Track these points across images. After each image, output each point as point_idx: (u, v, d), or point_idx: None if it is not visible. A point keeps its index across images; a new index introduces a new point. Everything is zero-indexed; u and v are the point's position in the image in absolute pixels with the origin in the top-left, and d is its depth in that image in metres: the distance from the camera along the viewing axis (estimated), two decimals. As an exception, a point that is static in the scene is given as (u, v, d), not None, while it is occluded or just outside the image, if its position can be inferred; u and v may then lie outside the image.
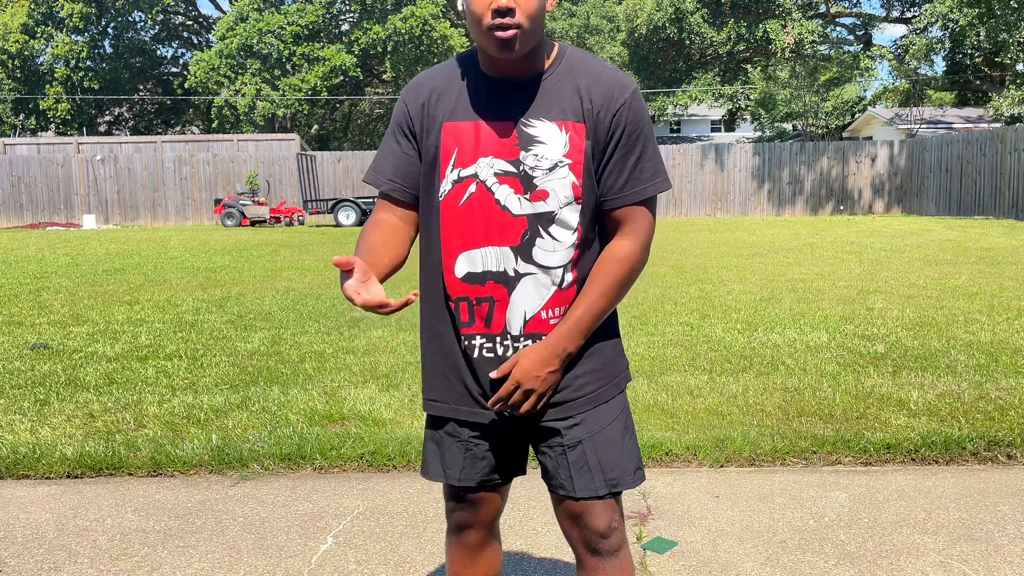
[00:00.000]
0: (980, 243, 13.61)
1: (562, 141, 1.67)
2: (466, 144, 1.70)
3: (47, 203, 27.07)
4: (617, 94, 1.69)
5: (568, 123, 1.68)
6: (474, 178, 1.70)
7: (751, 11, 29.29)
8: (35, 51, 37.35)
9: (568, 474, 1.74)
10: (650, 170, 1.72)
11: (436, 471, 1.85)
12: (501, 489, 1.89)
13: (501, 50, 1.61)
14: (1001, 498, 3.28)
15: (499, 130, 1.69)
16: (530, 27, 1.60)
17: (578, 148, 1.68)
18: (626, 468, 1.76)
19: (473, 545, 1.91)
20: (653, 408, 4.37)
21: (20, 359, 5.85)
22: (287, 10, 34.05)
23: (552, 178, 1.67)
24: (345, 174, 27.23)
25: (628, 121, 1.69)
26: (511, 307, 1.71)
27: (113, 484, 3.61)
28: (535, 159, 1.67)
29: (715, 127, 49.47)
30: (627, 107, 1.69)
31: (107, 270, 11.76)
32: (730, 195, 26.34)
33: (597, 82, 1.70)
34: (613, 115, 1.68)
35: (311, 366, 5.48)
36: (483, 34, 1.61)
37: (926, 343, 5.81)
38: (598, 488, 1.73)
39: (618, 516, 1.77)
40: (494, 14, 1.58)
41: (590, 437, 1.74)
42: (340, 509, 3.28)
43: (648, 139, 1.72)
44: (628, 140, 1.69)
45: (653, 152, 1.73)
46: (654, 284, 9.15)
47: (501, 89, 1.70)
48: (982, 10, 23.53)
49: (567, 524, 1.78)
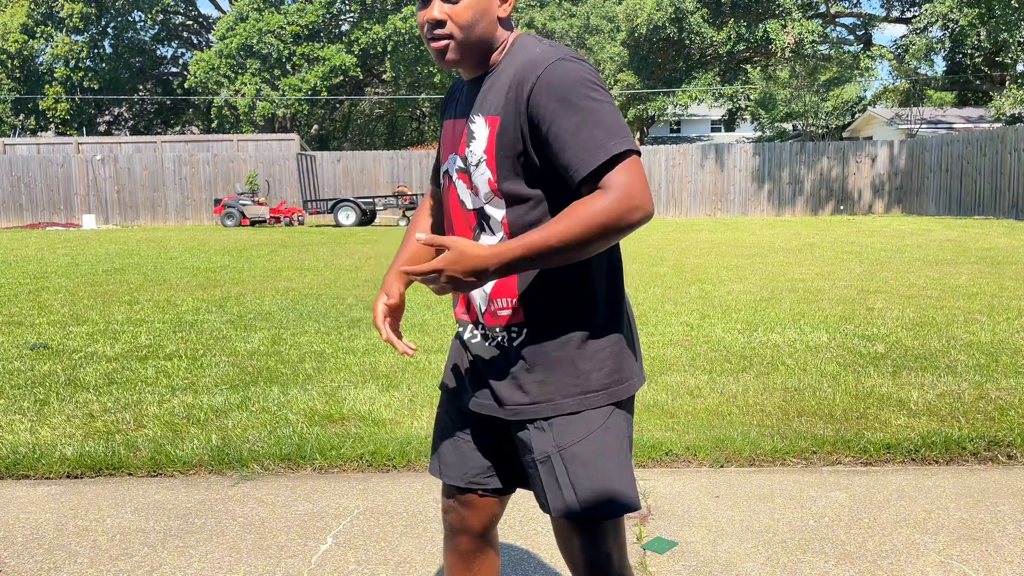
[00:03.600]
0: (980, 243, 13.61)
1: (485, 135, 1.68)
2: (444, 142, 1.82)
3: (47, 203, 27.05)
4: (529, 73, 1.60)
5: (489, 117, 1.68)
6: (447, 174, 1.80)
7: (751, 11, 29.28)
8: (35, 51, 37.35)
9: (540, 489, 1.71)
10: (598, 136, 1.55)
11: (433, 467, 1.90)
12: (495, 497, 1.87)
13: (438, 59, 1.70)
14: (1001, 498, 3.28)
15: (458, 128, 1.77)
16: (464, 36, 1.64)
17: (491, 143, 1.67)
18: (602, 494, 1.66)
19: (465, 552, 1.89)
20: (653, 408, 4.37)
21: (20, 359, 5.85)
22: (287, 10, 34.06)
23: (477, 173, 1.70)
24: (345, 174, 27.22)
25: (543, 98, 1.58)
26: (472, 297, 1.78)
27: (113, 484, 3.61)
28: (471, 155, 1.71)
29: (715, 127, 49.46)
30: (541, 83, 1.58)
31: (107, 270, 11.76)
32: (730, 195, 26.33)
33: (517, 69, 1.65)
34: (528, 95, 1.60)
35: (311, 366, 5.48)
36: (427, 45, 1.70)
37: (926, 343, 5.80)
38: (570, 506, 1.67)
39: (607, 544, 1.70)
40: (428, 26, 1.66)
41: (559, 451, 1.67)
42: (340, 509, 3.28)
43: (585, 104, 1.57)
44: (555, 114, 1.57)
45: (598, 117, 1.56)
46: (654, 284, 9.15)
47: (471, 88, 1.76)
48: (982, 10, 23.52)
49: (557, 540, 1.80)
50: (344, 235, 19.64)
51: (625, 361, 1.72)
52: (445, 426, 1.89)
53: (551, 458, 1.68)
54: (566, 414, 1.67)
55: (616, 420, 1.71)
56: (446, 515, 1.90)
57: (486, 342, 1.75)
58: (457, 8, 1.63)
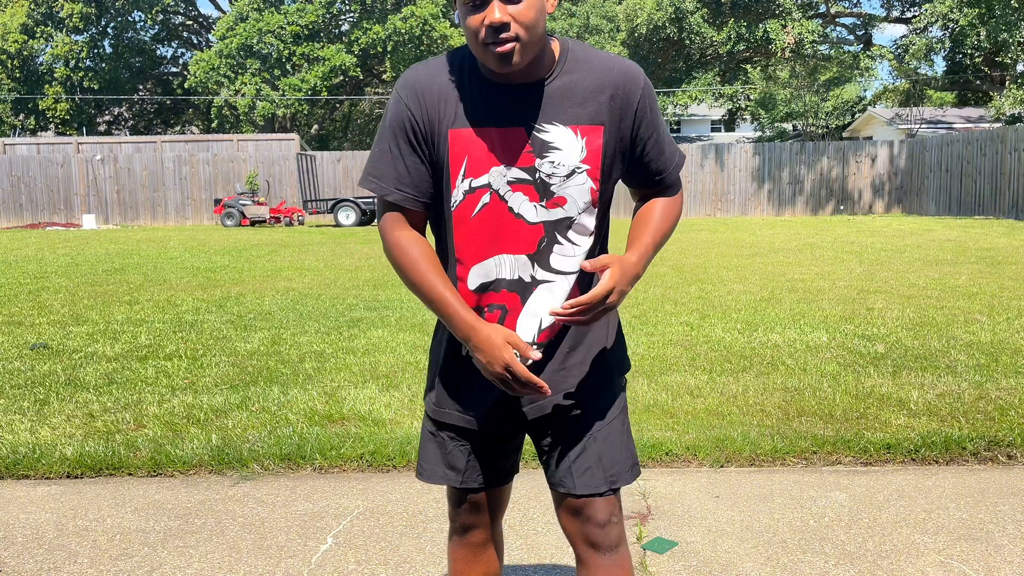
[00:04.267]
0: (980, 243, 13.61)
1: (578, 146, 1.63)
2: (476, 152, 1.63)
3: (47, 203, 27.05)
4: (633, 85, 1.67)
5: (583, 127, 1.63)
6: (487, 188, 1.64)
7: (751, 11, 29.29)
8: (35, 51, 37.35)
9: (568, 471, 1.74)
10: (672, 143, 1.77)
11: (440, 474, 1.83)
12: (505, 487, 1.90)
13: (501, 64, 1.55)
14: (1001, 498, 3.28)
15: (511, 137, 1.62)
16: (528, 37, 1.54)
17: (595, 153, 1.65)
18: (624, 464, 1.77)
19: (477, 544, 1.91)
20: (653, 408, 4.37)
21: (20, 359, 5.85)
22: (287, 10, 34.05)
23: (570, 184, 1.64)
24: (345, 174, 27.22)
25: (648, 107, 1.69)
26: (524, 315, 1.68)
27: (113, 484, 3.61)
28: (551, 166, 1.63)
29: (715, 127, 49.46)
30: (645, 95, 1.68)
31: (107, 270, 11.76)
32: (730, 195, 26.33)
33: (610, 76, 1.65)
34: (635, 107, 1.67)
35: (311, 366, 5.48)
36: (481, 50, 1.56)
37: (926, 343, 5.80)
38: (598, 485, 1.73)
39: (618, 511, 1.77)
40: (489, 31, 1.52)
41: (591, 434, 1.74)
42: (340, 509, 3.28)
43: (660, 116, 1.74)
44: (653, 124, 1.71)
45: (665, 127, 1.76)
46: (654, 284, 9.15)
47: (507, 94, 1.63)
48: (982, 10, 23.53)
49: (567, 520, 1.78)
50: (344, 235, 19.64)
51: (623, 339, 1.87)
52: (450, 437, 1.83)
53: (583, 440, 1.74)
54: (605, 397, 1.77)
55: (623, 393, 1.83)
56: (459, 515, 1.89)
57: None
58: (520, 8, 1.52)
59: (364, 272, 11.03)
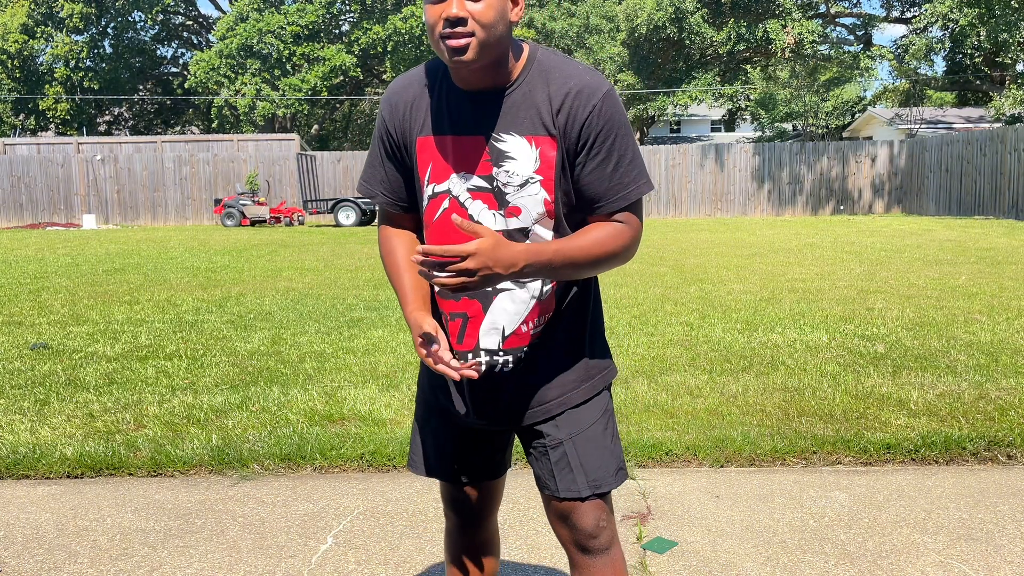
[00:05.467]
0: (980, 243, 13.61)
1: (532, 156, 1.63)
2: (439, 160, 1.68)
3: (47, 203, 27.06)
4: (585, 101, 1.61)
5: (537, 137, 1.63)
6: (447, 194, 1.68)
7: (751, 11, 29.29)
8: (35, 51, 37.34)
9: (551, 474, 1.75)
10: (632, 174, 1.65)
11: (428, 466, 1.89)
12: (495, 482, 1.92)
13: (454, 56, 1.56)
14: (1001, 498, 3.28)
15: (471, 145, 1.65)
16: (485, 37, 1.55)
17: (548, 163, 1.63)
18: (608, 469, 1.76)
19: (471, 539, 1.93)
20: (653, 408, 4.37)
21: (20, 359, 5.85)
22: (287, 10, 34.05)
23: (524, 194, 1.64)
24: (345, 174, 27.23)
25: (599, 129, 1.61)
26: (486, 323, 1.70)
27: (113, 484, 3.61)
28: (507, 175, 1.64)
29: (715, 127, 49.48)
30: (596, 114, 1.61)
31: (107, 270, 11.76)
32: (730, 195, 26.33)
33: (564, 89, 1.62)
34: (582, 125, 1.61)
35: (311, 366, 5.48)
36: (437, 43, 1.58)
37: (926, 343, 5.81)
38: (580, 489, 1.73)
39: (606, 515, 1.76)
40: (446, 23, 1.55)
41: (571, 438, 1.74)
42: (340, 509, 3.28)
43: (626, 142, 1.64)
44: (602, 148, 1.62)
45: (633, 155, 1.65)
46: (654, 284, 9.15)
47: (472, 102, 1.65)
48: (982, 10, 23.52)
49: (556, 524, 1.79)
50: (344, 235, 19.65)
51: (607, 345, 1.86)
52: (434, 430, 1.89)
53: (563, 444, 1.74)
54: (585, 402, 1.77)
55: (608, 399, 1.82)
56: (449, 509, 1.93)
57: (495, 368, 1.73)
58: (479, 7, 1.55)
59: (364, 272, 11.03)
